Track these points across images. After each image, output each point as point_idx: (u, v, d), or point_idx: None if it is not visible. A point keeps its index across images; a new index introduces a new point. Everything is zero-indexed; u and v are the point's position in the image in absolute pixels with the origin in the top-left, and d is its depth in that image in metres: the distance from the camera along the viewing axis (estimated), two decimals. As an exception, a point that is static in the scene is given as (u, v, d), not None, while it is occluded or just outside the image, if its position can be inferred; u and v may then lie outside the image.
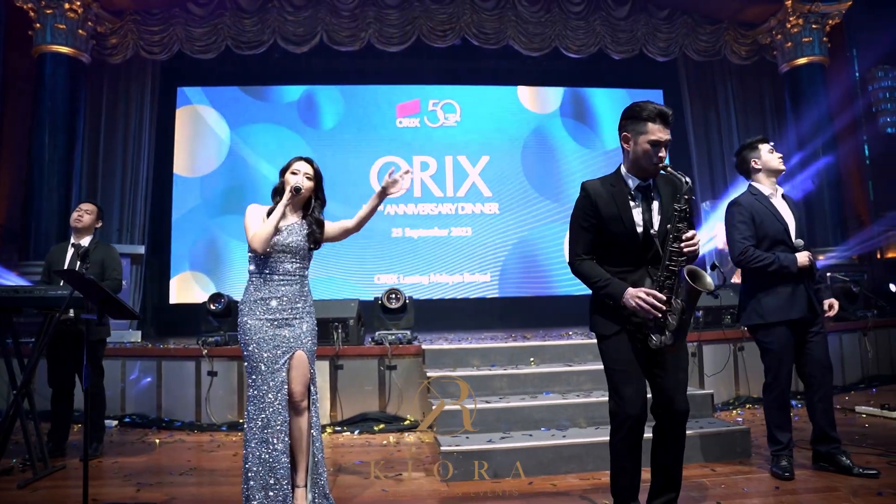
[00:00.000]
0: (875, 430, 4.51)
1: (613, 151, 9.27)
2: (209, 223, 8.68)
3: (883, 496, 3.10)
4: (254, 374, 2.89)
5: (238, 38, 8.17)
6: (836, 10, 7.87)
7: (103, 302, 2.80)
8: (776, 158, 3.65)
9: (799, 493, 3.23)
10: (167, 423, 5.13)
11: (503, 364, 4.94)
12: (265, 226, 2.90)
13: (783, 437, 3.51)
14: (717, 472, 3.63)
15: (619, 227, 2.58)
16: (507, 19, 8.47)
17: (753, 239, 3.53)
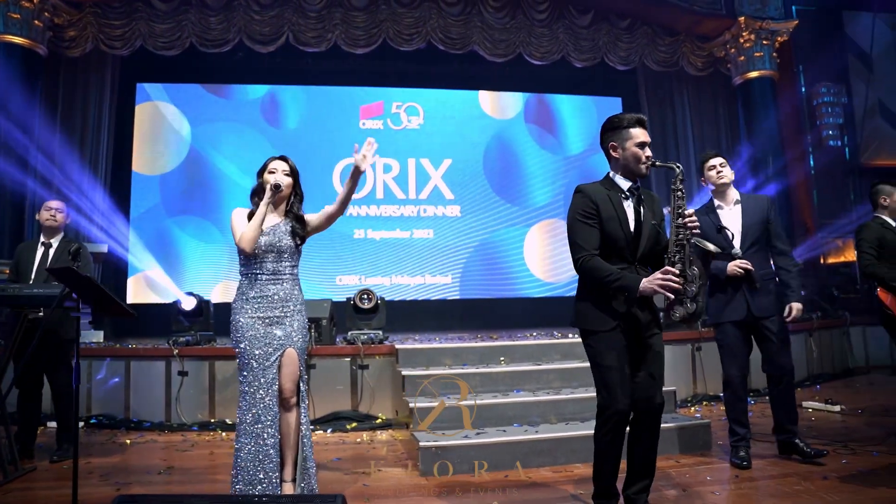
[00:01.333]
0: (819, 423, 4.83)
1: (573, 157, 9.49)
2: (168, 222, 8.53)
3: (828, 479, 3.40)
4: (245, 371, 2.95)
5: (203, 35, 8.07)
6: (784, 27, 8.29)
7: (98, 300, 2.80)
8: (714, 175, 3.90)
9: (756, 480, 3.47)
10: (136, 423, 5.07)
11: (474, 363, 5.07)
12: (250, 226, 2.96)
13: (740, 430, 3.77)
14: (681, 463, 3.84)
15: (616, 225, 2.74)
16: (473, 25, 8.60)
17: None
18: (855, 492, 3.19)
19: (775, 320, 3.75)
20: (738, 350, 3.76)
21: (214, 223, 8.55)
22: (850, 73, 8.88)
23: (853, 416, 5.07)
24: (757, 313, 3.71)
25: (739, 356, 3.77)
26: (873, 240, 3.93)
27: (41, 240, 4.25)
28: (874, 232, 3.97)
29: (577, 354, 5.21)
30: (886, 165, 8.78)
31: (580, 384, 4.76)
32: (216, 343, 5.54)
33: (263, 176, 3.13)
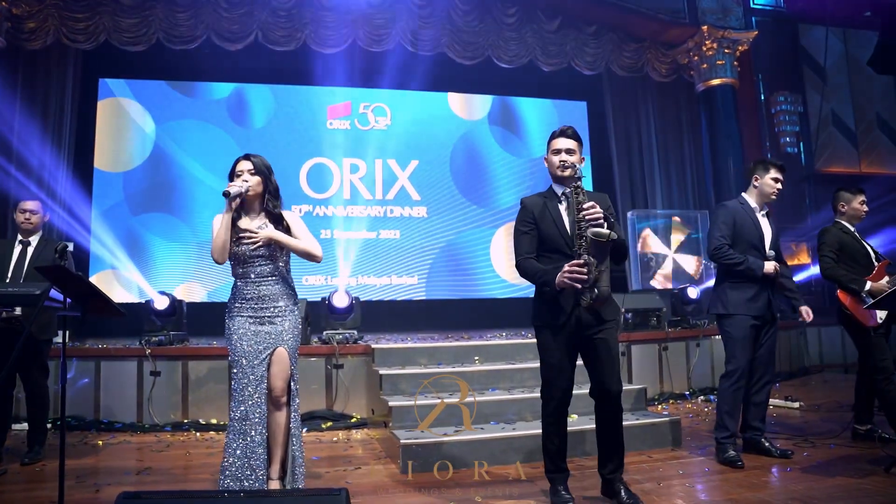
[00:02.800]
0: (781, 419, 5.06)
1: (538, 159, 9.63)
2: (132, 220, 8.37)
3: (791, 471, 3.60)
4: (235, 368, 2.97)
5: (170, 31, 7.94)
6: (744, 37, 8.59)
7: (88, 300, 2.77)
8: (776, 188, 4.00)
9: (725, 473, 3.63)
10: (107, 424, 4.99)
11: (449, 362, 5.14)
12: (215, 238, 2.96)
13: (731, 425, 3.84)
14: (653, 458, 3.99)
15: (552, 227, 3.10)
16: (443, 27, 8.66)
17: (730, 239, 3.90)
18: (816, 481, 3.38)
19: (777, 321, 3.95)
20: (749, 343, 3.87)
21: (180, 221, 8.44)
22: (806, 83, 9.26)
23: (811, 411, 5.34)
24: (775, 311, 3.92)
25: (749, 349, 3.88)
26: (834, 243, 4.15)
27: (19, 237, 4.16)
28: (834, 236, 4.18)
29: (550, 353, 5.33)
30: (839, 172, 9.18)
31: (553, 382, 4.86)
32: (189, 343, 5.48)
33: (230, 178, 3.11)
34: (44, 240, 4.26)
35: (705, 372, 6.27)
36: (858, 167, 9.35)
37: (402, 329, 8.23)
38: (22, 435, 4.53)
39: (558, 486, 3.11)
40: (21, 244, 4.19)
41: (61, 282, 2.70)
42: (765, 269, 3.83)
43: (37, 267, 2.82)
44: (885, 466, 3.52)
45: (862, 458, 3.83)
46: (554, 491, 3.11)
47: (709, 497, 3.19)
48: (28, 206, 4.21)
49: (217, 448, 4.50)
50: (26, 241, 4.20)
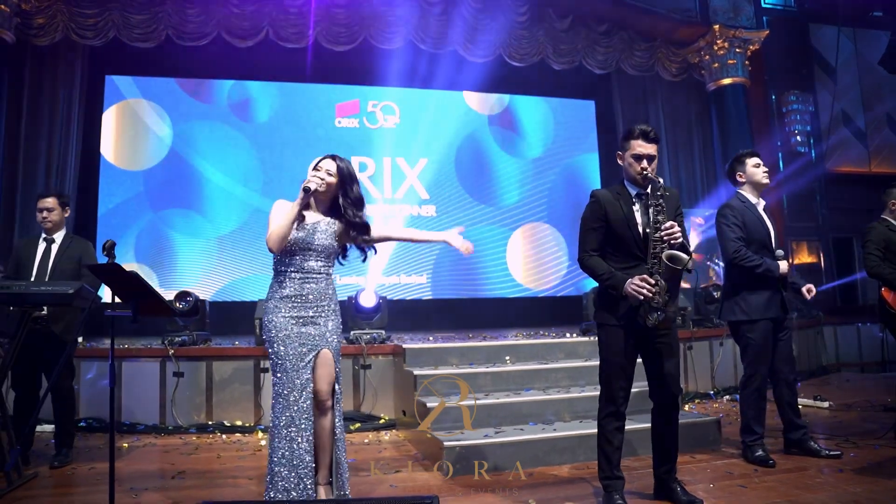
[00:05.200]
0: (812, 420, 5.01)
1: (548, 158, 9.57)
2: (141, 216, 8.23)
3: (843, 472, 3.53)
4: (279, 372, 2.85)
5: (180, 28, 7.81)
6: (756, 37, 8.59)
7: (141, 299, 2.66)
8: (760, 173, 3.95)
9: (775, 474, 3.57)
10: (129, 426, 4.87)
11: (481, 362, 5.05)
12: (279, 225, 2.84)
13: (758, 429, 3.82)
14: (697, 460, 3.93)
15: (624, 228, 3.00)
16: (454, 25, 8.59)
17: (744, 241, 3.82)
18: (873, 482, 3.33)
19: (792, 318, 3.89)
20: (768, 348, 3.82)
21: (194, 218, 8.31)
22: (816, 82, 9.27)
23: (841, 411, 5.30)
24: (788, 310, 3.85)
25: (768, 354, 3.83)
26: (879, 241, 4.10)
27: (43, 235, 4.04)
28: (880, 234, 4.13)
29: (581, 353, 5.28)
30: (849, 172, 9.21)
31: (587, 382, 4.81)
32: (212, 343, 5.37)
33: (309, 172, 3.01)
34: (69, 237, 4.15)
35: (728, 371, 6.24)
36: (868, 167, 9.37)
37: (413, 329, 8.14)
38: (44, 437, 4.42)
39: (614, 493, 3.01)
40: (45, 241, 4.07)
41: (114, 280, 2.57)
42: (781, 268, 3.77)
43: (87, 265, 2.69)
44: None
45: (911, 458, 3.79)
46: (609, 498, 3.01)
47: (767, 499, 3.12)
48: (45, 204, 4.07)
49: (247, 451, 4.41)
50: (50, 238, 4.08)
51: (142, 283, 2.63)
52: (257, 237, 8.36)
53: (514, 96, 9.71)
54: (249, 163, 8.65)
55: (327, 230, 3.00)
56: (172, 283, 7.85)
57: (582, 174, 9.73)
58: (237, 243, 8.38)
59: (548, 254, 9.42)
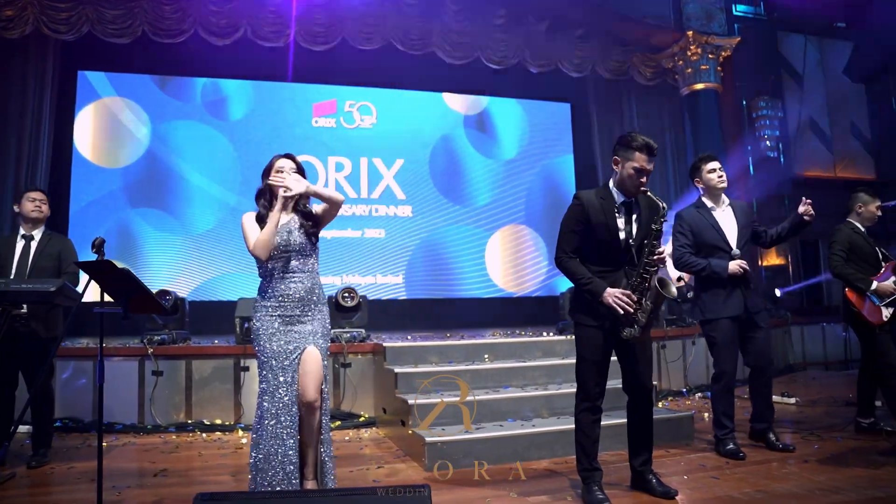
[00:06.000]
0: (780, 414, 5.17)
1: (524, 159, 9.69)
2: (115, 214, 8.14)
3: (808, 462, 3.71)
4: (265, 370, 2.89)
5: (156, 24, 7.72)
6: (727, 43, 8.80)
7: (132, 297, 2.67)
8: (715, 178, 4.11)
9: (744, 466, 3.72)
10: (107, 425, 4.83)
11: (460, 361, 5.13)
12: (264, 232, 2.91)
13: (728, 423, 3.98)
14: (671, 454, 4.05)
15: (605, 233, 3.06)
16: (433, 27, 8.63)
17: (691, 247, 4.00)
18: (834, 471, 3.51)
19: (764, 315, 4.03)
20: (733, 345, 3.98)
21: (169, 216, 8.25)
22: (785, 89, 9.54)
23: (807, 407, 5.49)
24: (751, 309, 3.96)
25: (733, 351, 3.99)
26: (844, 243, 4.28)
27: (21, 232, 4.00)
28: (846, 235, 4.31)
29: (558, 352, 5.38)
30: (816, 176, 9.49)
31: (564, 380, 4.91)
32: (192, 341, 5.36)
33: (270, 177, 3.04)
34: (47, 234, 4.12)
35: (700, 369, 6.40)
36: (833, 171, 9.67)
37: (390, 328, 8.15)
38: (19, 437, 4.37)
39: (592, 485, 3.11)
40: (24, 239, 4.04)
41: (104, 278, 2.58)
42: (729, 269, 3.90)
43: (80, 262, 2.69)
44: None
45: (871, 450, 3.97)
46: (588, 490, 3.11)
47: (738, 489, 3.25)
48: (37, 195, 4.07)
49: (228, 448, 4.43)
50: (29, 235, 4.05)
51: (133, 280, 2.64)
52: (234, 236, 8.32)
53: (492, 98, 9.80)
54: (226, 162, 8.62)
55: (295, 229, 3.03)
56: (148, 282, 7.77)
57: (557, 176, 9.87)
58: (214, 242, 8.34)
59: (527, 257, 9.53)
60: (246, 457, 4.11)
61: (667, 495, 3.12)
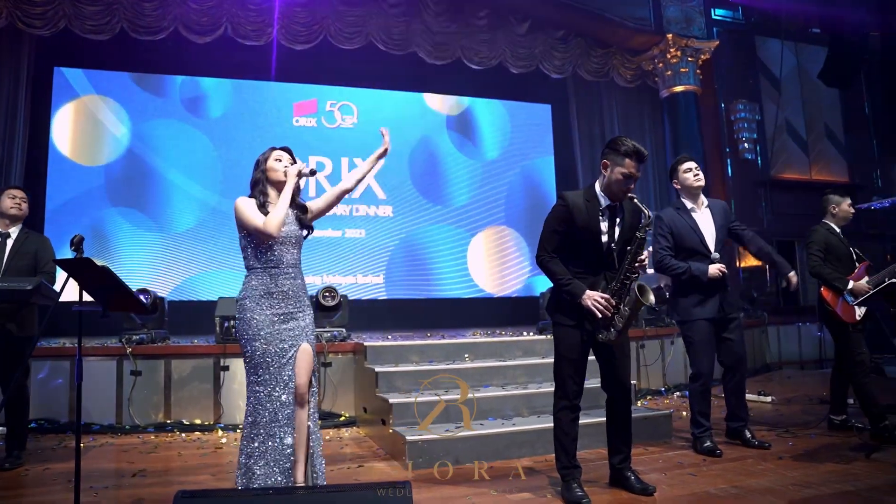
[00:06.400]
0: (756, 413, 5.26)
1: (506, 160, 9.73)
2: (93, 213, 8.04)
3: (783, 459, 3.79)
4: (260, 370, 2.82)
5: (135, 21, 7.64)
6: (707, 46, 8.93)
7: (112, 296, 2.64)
8: (691, 177, 4.15)
9: (721, 463, 3.77)
10: (83, 426, 4.77)
11: (440, 360, 5.14)
12: (278, 209, 2.83)
13: (705, 422, 4.04)
14: (650, 451, 4.10)
15: (587, 235, 3.09)
16: (414, 27, 8.65)
17: (671, 250, 4.05)
18: (808, 467, 3.58)
19: (740, 316, 4.10)
20: (709, 346, 4.04)
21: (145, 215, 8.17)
22: (762, 93, 9.68)
23: (783, 405, 5.59)
24: (728, 310, 4.03)
25: (710, 351, 4.05)
26: (821, 243, 4.36)
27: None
28: (822, 236, 4.39)
29: (538, 351, 5.41)
30: (792, 179, 9.65)
31: (544, 379, 4.94)
32: (171, 341, 5.31)
33: (268, 164, 2.99)
34: (24, 232, 4.06)
35: (679, 369, 6.48)
36: (809, 174, 9.83)
37: (370, 328, 8.15)
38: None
39: (572, 482, 3.14)
40: (1, 236, 3.98)
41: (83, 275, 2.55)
42: (709, 273, 3.95)
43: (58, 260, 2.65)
44: (866, 453, 3.77)
45: (843, 446, 4.06)
46: (567, 487, 3.13)
47: (714, 485, 3.30)
48: (19, 193, 4.01)
49: (208, 448, 4.40)
50: (5, 233, 3.99)
51: (113, 278, 2.61)
52: (214, 235, 8.28)
53: (473, 99, 9.83)
54: (206, 160, 8.56)
55: (293, 219, 2.99)
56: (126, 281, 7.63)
57: (538, 177, 9.93)
58: (194, 241, 8.28)
59: (508, 257, 9.57)
60: (226, 456, 4.13)
61: (645, 492, 3.16)
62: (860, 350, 4.23)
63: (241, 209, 2.91)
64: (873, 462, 3.64)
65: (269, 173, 2.99)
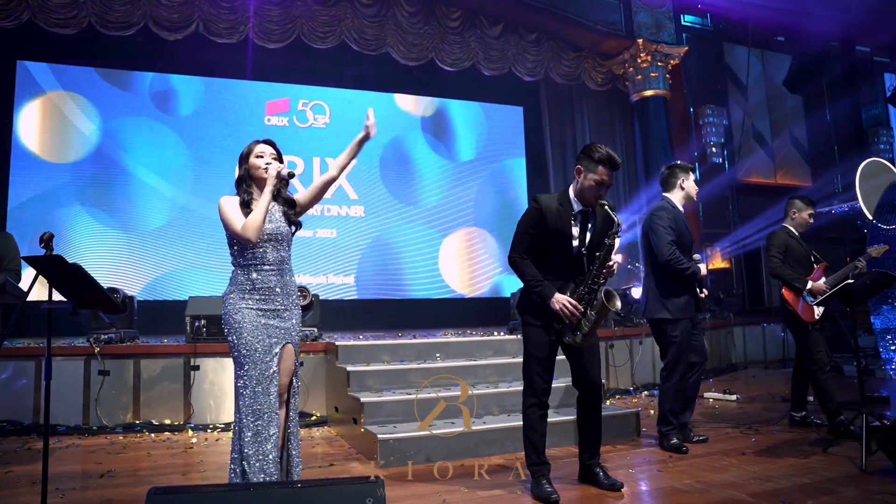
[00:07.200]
0: (722, 411, 5.42)
1: (478, 161, 9.81)
2: (61, 211, 7.89)
3: (746, 455, 3.90)
4: (246, 367, 2.77)
5: (104, 16, 7.53)
6: (676, 52, 9.11)
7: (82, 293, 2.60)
8: (696, 188, 4.29)
9: (687, 459, 3.87)
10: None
11: (412, 359, 5.16)
12: (256, 213, 2.77)
13: (674, 420, 4.11)
14: (618, 449, 4.18)
15: (559, 239, 3.15)
16: (388, 27, 8.67)
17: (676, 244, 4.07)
18: (769, 462, 3.70)
19: (705, 318, 4.21)
20: (688, 343, 4.12)
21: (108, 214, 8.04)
22: (730, 98, 9.91)
23: (748, 403, 5.74)
24: (700, 308, 4.16)
25: (689, 350, 4.14)
26: (781, 245, 4.51)
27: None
28: (781, 239, 4.54)
29: (509, 351, 5.47)
30: (758, 183, 9.89)
31: (514, 378, 4.98)
32: (140, 341, 5.25)
33: (250, 161, 2.92)
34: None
35: (647, 369, 6.59)
36: (774, 178, 10.08)
37: (342, 328, 8.13)
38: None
39: (541, 478, 3.19)
40: (-39, 235, 3.91)
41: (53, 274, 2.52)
42: (703, 271, 4.06)
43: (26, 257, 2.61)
44: (824, 447, 3.91)
45: (802, 441, 4.20)
46: (537, 483, 3.18)
47: (680, 481, 3.38)
48: None
49: (178, 448, 4.37)
50: (-31, 231, 3.92)
51: (84, 276, 2.57)
52: (184, 234, 8.19)
53: (445, 100, 9.88)
54: (177, 158, 8.47)
55: (277, 216, 2.93)
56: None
57: (508, 179, 10.01)
58: (164, 240, 8.18)
59: (479, 259, 9.63)
60: (197, 455, 4.12)
61: (613, 487, 3.22)
62: (818, 348, 4.38)
63: (223, 211, 2.86)
64: (830, 455, 3.78)
65: (252, 171, 2.93)
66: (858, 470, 3.43)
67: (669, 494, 3.17)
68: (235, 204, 2.88)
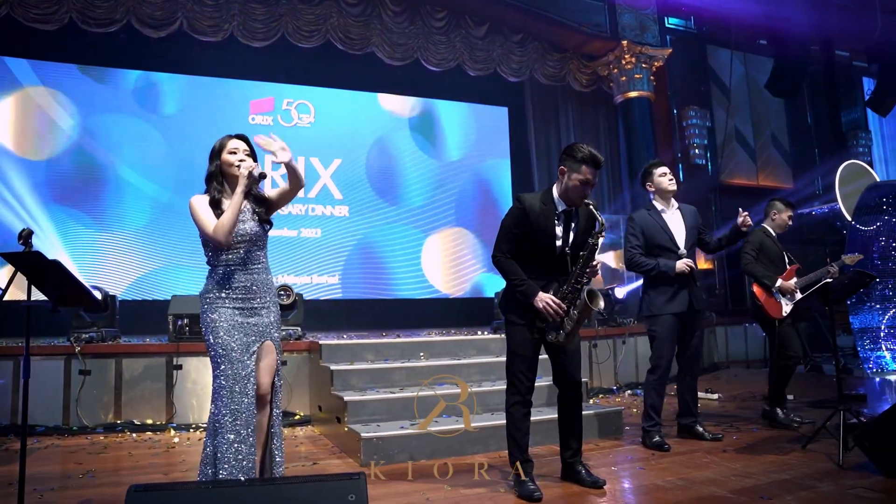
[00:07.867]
0: (704, 409, 5.44)
1: (461, 162, 9.81)
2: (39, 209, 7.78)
3: (727, 452, 3.95)
4: (223, 365, 2.74)
5: (85, 12, 7.44)
6: (660, 54, 9.18)
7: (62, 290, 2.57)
8: (666, 181, 4.31)
9: (669, 457, 3.90)
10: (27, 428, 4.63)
11: (395, 358, 5.16)
12: (227, 215, 2.71)
13: (656, 416, 4.16)
14: (601, 446, 4.21)
15: (542, 238, 3.16)
16: (373, 27, 8.66)
17: (642, 248, 4.18)
18: (750, 459, 3.74)
19: (704, 314, 4.26)
20: (673, 340, 4.17)
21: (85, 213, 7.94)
22: (713, 100, 10.01)
23: (729, 401, 5.80)
24: (696, 306, 4.18)
25: (672, 346, 4.19)
26: (756, 244, 4.66)
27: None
28: (757, 238, 4.69)
29: (492, 350, 5.48)
30: (740, 184, 9.99)
31: (498, 377, 5.00)
32: (122, 340, 5.20)
33: (223, 157, 2.88)
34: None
35: (630, 368, 6.64)
36: (757, 180, 10.20)
37: (326, 328, 8.08)
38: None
39: (524, 476, 3.19)
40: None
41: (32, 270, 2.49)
42: (677, 268, 4.08)
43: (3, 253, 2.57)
44: (802, 444, 3.97)
45: (781, 438, 4.26)
46: (520, 481, 3.19)
47: (662, 478, 3.41)
48: None
49: (160, 448, 4.34)
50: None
51: (64, 272, 2.54)
52: (166, 233, 8.12)
53: (430, 100, 9.87)
54: (159, 157, 8.39)
55: (249, 216, 2.88)
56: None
57: (493, 179, 10.03)
58: (146, 239, 8.11)
59: (462, 258, 9.64)
60: (179, 455, 4.09)
61: (595, 485, 3.25)
62: (786, 342, 4.53)
63: (193, 211, 2.81)
64: (808, 452, 3.83)
65: (223, 167, 2.89)
66: (836, 466, 3.48)
67: (652, 491, 3.19)
68: (206, 203, 2.82)
